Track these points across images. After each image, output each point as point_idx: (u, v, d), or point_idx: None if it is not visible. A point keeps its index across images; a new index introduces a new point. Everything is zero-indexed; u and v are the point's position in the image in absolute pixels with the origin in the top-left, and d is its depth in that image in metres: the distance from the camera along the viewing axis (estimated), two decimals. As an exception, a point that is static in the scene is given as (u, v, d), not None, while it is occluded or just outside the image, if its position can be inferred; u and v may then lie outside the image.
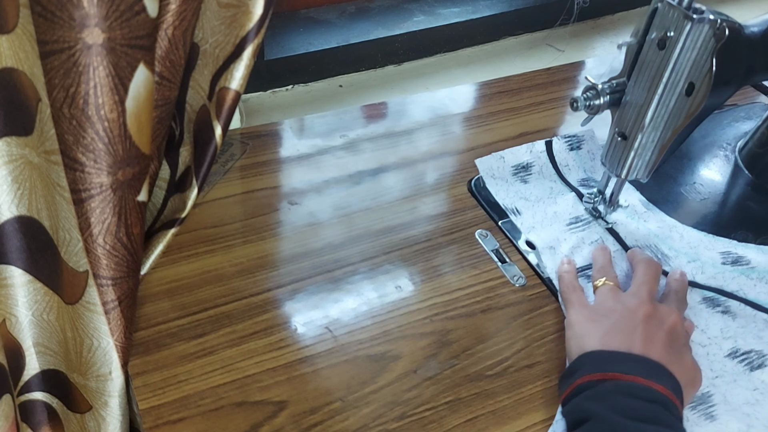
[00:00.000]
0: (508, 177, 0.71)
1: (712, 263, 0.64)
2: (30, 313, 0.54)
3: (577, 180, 0.72)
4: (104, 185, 0.44)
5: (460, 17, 0.95)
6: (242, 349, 0.54)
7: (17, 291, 0.52)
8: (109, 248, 0.46)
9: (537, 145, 0.73)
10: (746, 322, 0.60)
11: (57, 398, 0.59)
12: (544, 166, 0.72)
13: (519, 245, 0.65)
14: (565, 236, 0.66)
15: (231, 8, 0.48)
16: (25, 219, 0.49)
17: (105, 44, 0.39)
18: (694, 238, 0.66)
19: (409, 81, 0.92)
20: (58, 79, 0.40)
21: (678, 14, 0.53)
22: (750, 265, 0.64)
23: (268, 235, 0.63)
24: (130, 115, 0.42)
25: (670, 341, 0.52)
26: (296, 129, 0.75)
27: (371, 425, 0.51)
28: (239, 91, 0.50)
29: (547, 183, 0.72)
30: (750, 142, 0.75)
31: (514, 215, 0.68)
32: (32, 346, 0.56)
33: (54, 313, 0.54)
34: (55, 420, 0.61)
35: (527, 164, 0.72)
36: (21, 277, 0.52)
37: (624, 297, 0.56)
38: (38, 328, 0.55)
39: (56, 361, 0.56)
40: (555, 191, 0.71)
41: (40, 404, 0.60)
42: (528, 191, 0.70)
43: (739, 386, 0.55)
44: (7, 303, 0.53)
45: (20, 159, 0.47)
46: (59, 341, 0.55)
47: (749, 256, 0.65)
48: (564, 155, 0.73)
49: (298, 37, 0.87)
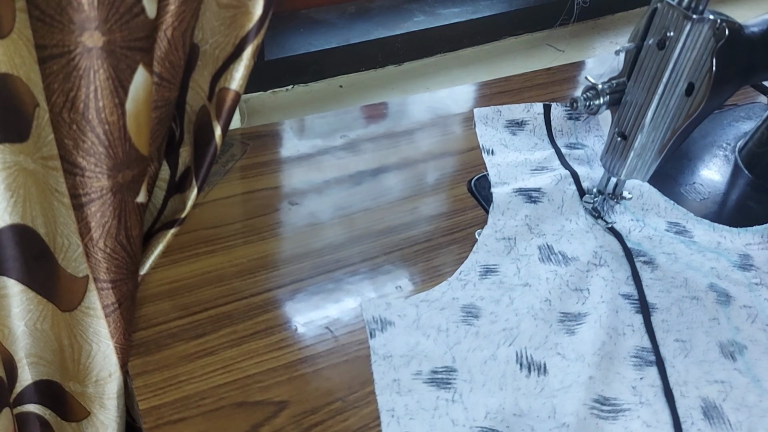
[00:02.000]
0: (500, 127, 0.76)
1: (654, 228, 0.66)
2: (23, 323, 0.53)
3: (565, 143, 0.75)
4: (104, 189, 0.44)
5: (461, 17, 0.95)
6: (243, 350, 0.54)
7: (10, 301, 0.51)
8: (110, 251, 0.46)
9: (535, 107, 0.77)
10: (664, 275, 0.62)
11: (50, 409, 0.58)
12: (538, 127, 0.76)
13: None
14: (523, 176, 0.69)
15: (231, 9, 0.48)
16: (18, 227, 0.49)
17: (105, 47, 0.39)
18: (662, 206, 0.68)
19: (409, 81, 0.92)
20: (57, 83, 0.40)
21: (678, 14, 0.53)
22: (693, 239, 0.66)
23: (269, 236, 0.64)
24: (130, 117, 0.42)
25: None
26: (296, 129, 0.75)
27: (371, 425, 0.51)
28: (239, 91, 0.50)
29: (534, 139, 0.75)
30: (750, 142, 0.75)
31: (487, 154, 0.72)
32: (24, 357, 0.55)
33: (48, 322, 0.53)
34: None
35: (522, 121, 0.76)
36: (14, 287, 0.51)
37: None
38: (31, 338, 0.54)
39: (50, 371, 0.56)
40: (537, 147, 0.74)
41: (32, 416, 0.59)
42: (511, 141, 0.74)
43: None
44: (0, 314, 0.52)
45: (14, 166, 0.46)
46: (53, 350, 0.54)
47: (695, 232, 0.66)
48: (560, 122, 0.76)
49: (298, 38, 0.87)
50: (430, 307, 0.58)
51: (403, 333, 0.56)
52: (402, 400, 0.52)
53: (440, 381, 0.53)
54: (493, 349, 0.55)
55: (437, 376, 0.53)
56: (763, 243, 0.66)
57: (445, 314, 0.57)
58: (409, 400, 0.52)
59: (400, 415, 0.51)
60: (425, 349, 0.55)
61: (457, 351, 0.55)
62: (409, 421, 0.50)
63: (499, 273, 0.61)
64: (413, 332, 0.56)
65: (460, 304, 0.58)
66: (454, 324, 0.57)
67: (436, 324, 0.56)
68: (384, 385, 0.52)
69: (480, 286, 0.60)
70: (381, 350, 0.55)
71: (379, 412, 0.51)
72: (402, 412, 0.51)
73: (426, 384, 0.53)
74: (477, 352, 0.55)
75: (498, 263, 0.62)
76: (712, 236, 0.66)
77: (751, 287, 0.62)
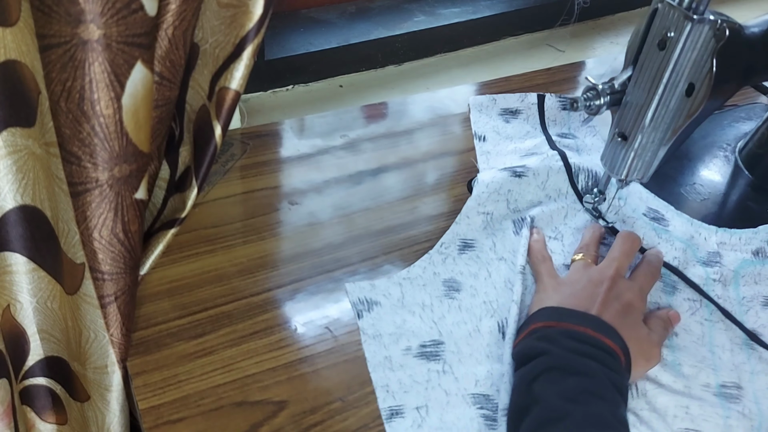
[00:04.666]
0: (494, 115, 0.77)
1: (632, 209, 0.67)
2: (35, 300, 0.54)
3: (557, 132, 0.76)
4: (100, 180, 0.44)
5: (461, 17, 0.95)
6: (242, 349, 0.54)
7: (21, 278, 0.53)
8: (105, 243, 0.47)
9: (530, 97, 0.78)
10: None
11: (60, 384, 0.60)
12: (532, 116, 0.77)
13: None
14: (512, 162, 0.70)
15: (231, 8, 0.48)
16: (28, 208, 0.50)
17: (100, 41, 0.39)
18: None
19: (409, 81, 0.92)
20: (55, 72, 0.41)
21: (678, 15, 0.53)
22: (666, 228, 0.66)
23: (269, 235, 0.64)
24: (127, 112, 0.43)
25: (623, 313, 0.55)
26: (296, 129, 0.75)
27: (371, 425, 0.51)
28: (239, 90, 0.50)
29: (527, 127, 0.76)
30: (750, 143, 0.75)
31: (478, 140, 0.74)
32: (36, 332, 0.57)
33: (57, 302, 0.54)
34: (59, 405, 0.61)
35: (516, 110, 0.77)
36: (25, 264, 0.52)
37: (591, 270, 0.58)
38: (42, 315, 0.55)
39: (59, 349, 0.57)
40: (529, 135, 0.75)
41: (44, 389, 0.60)
42: (504, 128, 0.76)
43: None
44: (12, 289, 0.53)
45: (24, 150, 0.47)
46: (62, 329, 0.55)
47: (672, 222, 0.67)
48: (554, 112, 0.77)
49: (298, 37, 0.87)
50: (413, 284, 0.60)
51: (389, 312, 0.58)
52: (395, 375, 0.54)
53: (429, 354, 0.55)
54: (476, 321, 0.58)
55: (426, 349, 0.56)
56: (738, 245, 0.66)
57: (427, 290, 0.60)
58: (402, 375, 0.54)
59: (395, 390, 0.53)
60: (412, 326, 0.57)
61: (443, 325, 0.57)
62: (404, 394, 0.53)
63: (475, 248, 0.63)
64: (399, 311, 0.58)
65: (441, 279, 0.61)
66: (437, 299, 0.59)
67: (420, 301, 0.59)
68: (376, 363, 0.54)
69: (459, 261, 0.62)
70: (370, 330, 0.56)
71: (374, 389, 0.53)
72: (396, 387, 0.53)
73: (416, 358, 0.55)
74: (461, 326, 0.58)
75: (475, 238, 0.64)
76: (687, 229, 0.67)
77: (706, 282, 0.63)
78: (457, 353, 0.55)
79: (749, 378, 0.56)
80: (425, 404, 0.52)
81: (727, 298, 0.62)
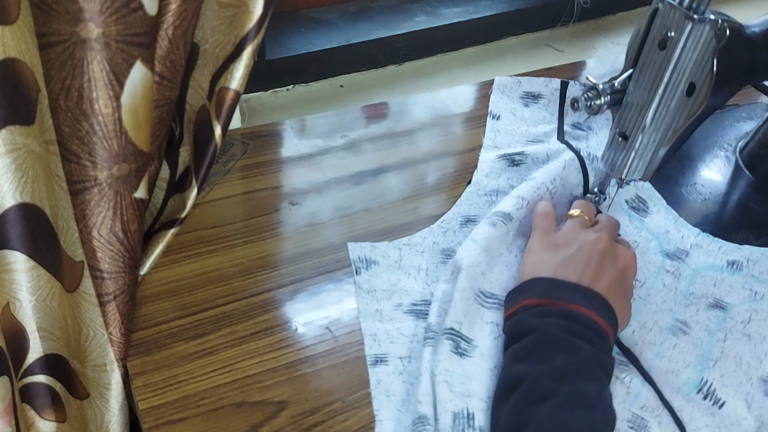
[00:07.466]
0: (515, 97, 0.78)
1: (619, 196, 0.67)
2: (34, 298, 0.54)
3: (571, 121, 0.76)
4: (99, 179, 0.44)
5: (462, 17, 0.95)
6: (242, 350, 0.54)
7: (20, 276, 0.53)
8: (104, 241, 0.47)
9: (553, 82, 0.79)
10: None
11: (60, 382, 0.60)
12: (552, 102, 0.78)
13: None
14: (516, 145, 0.71)
15: (231, 8, 0.48)
16: (28, 206, 0.50)
17: (99, 39, 0.39)
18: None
19: (410, 81, 0.92)
20: (54, 71, 0.41)
21: (679, 14, 0.53)
22: (643, 219, 0.67)
23: (269, 236, 0.63)
24: (126, 111, 0.43)
25: (618, 280, 0.55)
26: (297, 129, 0.75)
27: (371, 425, 0.51)
28: (239, 90, 0.50)
29: (544, 113, 0.77)
30: (751, 143, 0.75)
31: (492, 119, 0.75)
32: (36, 330, 0.57)
33: (56, 300, 0.54)
34: (58, 403, 0.61)
35: (538, 94, 0.78)
36: (25, 263, 0.52)
37: (587, 232, 0.59)
38: (42, 313, 0.55)
39: (59, 346, 0.57)
40: (544, 121, 0.76)
41: (43, 387, 0.60)
42: (521, 111, 0.77)
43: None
44: (11, 287, 0.53)
45: (23, 148, 0.47)
46: (61, 327, 0.56)
47: (654, 214, 0.67)
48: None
49: (299, 37, 0.87)
50: (412, 250, 0.63)
51: (385, 271, 0.60)
52: (384, 327, 0.57)
53: (419, 312, 0.58)
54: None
55: (416, 308, 0.58)
56: (714, 252, 0.65)
57: (425, 256, 0.62)
58: (390, 327, 0.57)
59: (382, 339, 0.56)
60: (406, 285, 0.60)
61: (436, 288, 0.58)
62: (390, 344, 0.55)
63: (477, 223, 0.64)
64: (395, 271, 0.61)
65: (440, 248, 0.63)
66: (433, 264, 0.61)
67: (416, 264, 0.61)
68: (367, 314, 0.57)
69: (459, 233, 0.64)
70: (365, 285, 0.59)
71: (363, 336, 0.55)
72: (383, 336, 0.56)
73: (406, 314, 0.58)
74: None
75: (478, 214, 0.66)
76: (666, 223, 0.67)
77: (659, 271, 0.63)
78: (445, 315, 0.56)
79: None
80: (408, 355, 0.55)
81: (674, 288, 0.62)
